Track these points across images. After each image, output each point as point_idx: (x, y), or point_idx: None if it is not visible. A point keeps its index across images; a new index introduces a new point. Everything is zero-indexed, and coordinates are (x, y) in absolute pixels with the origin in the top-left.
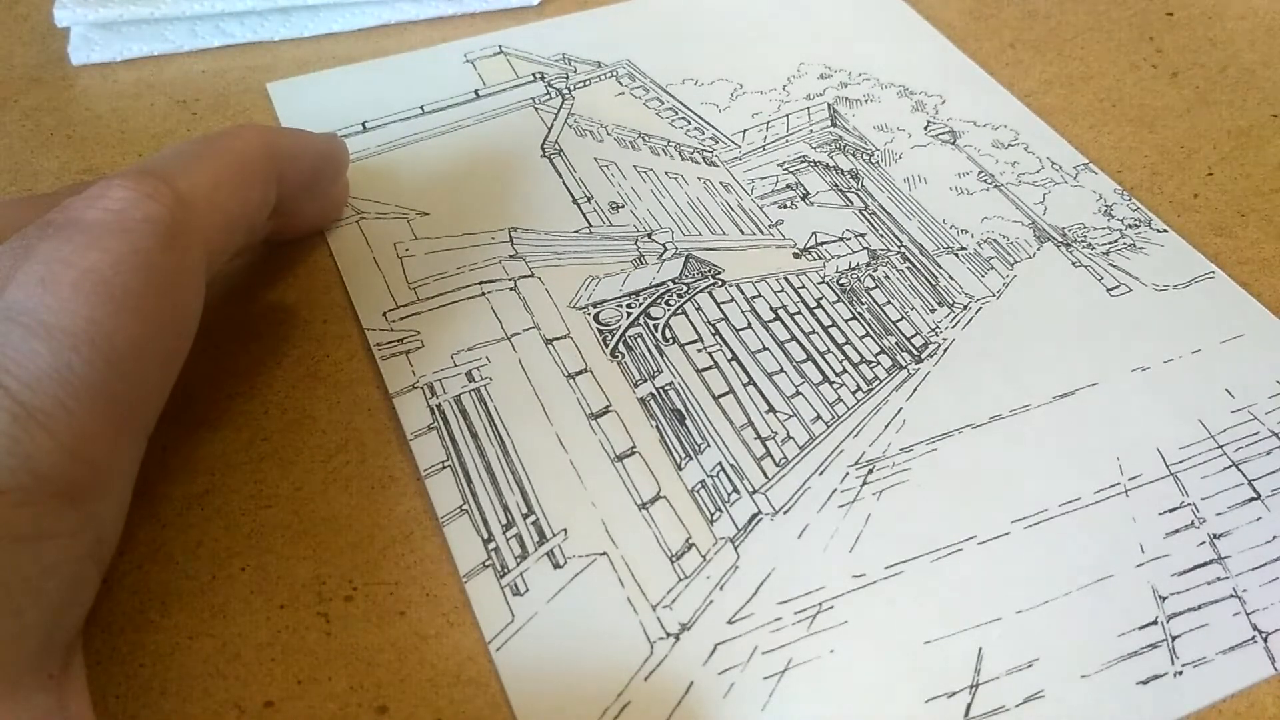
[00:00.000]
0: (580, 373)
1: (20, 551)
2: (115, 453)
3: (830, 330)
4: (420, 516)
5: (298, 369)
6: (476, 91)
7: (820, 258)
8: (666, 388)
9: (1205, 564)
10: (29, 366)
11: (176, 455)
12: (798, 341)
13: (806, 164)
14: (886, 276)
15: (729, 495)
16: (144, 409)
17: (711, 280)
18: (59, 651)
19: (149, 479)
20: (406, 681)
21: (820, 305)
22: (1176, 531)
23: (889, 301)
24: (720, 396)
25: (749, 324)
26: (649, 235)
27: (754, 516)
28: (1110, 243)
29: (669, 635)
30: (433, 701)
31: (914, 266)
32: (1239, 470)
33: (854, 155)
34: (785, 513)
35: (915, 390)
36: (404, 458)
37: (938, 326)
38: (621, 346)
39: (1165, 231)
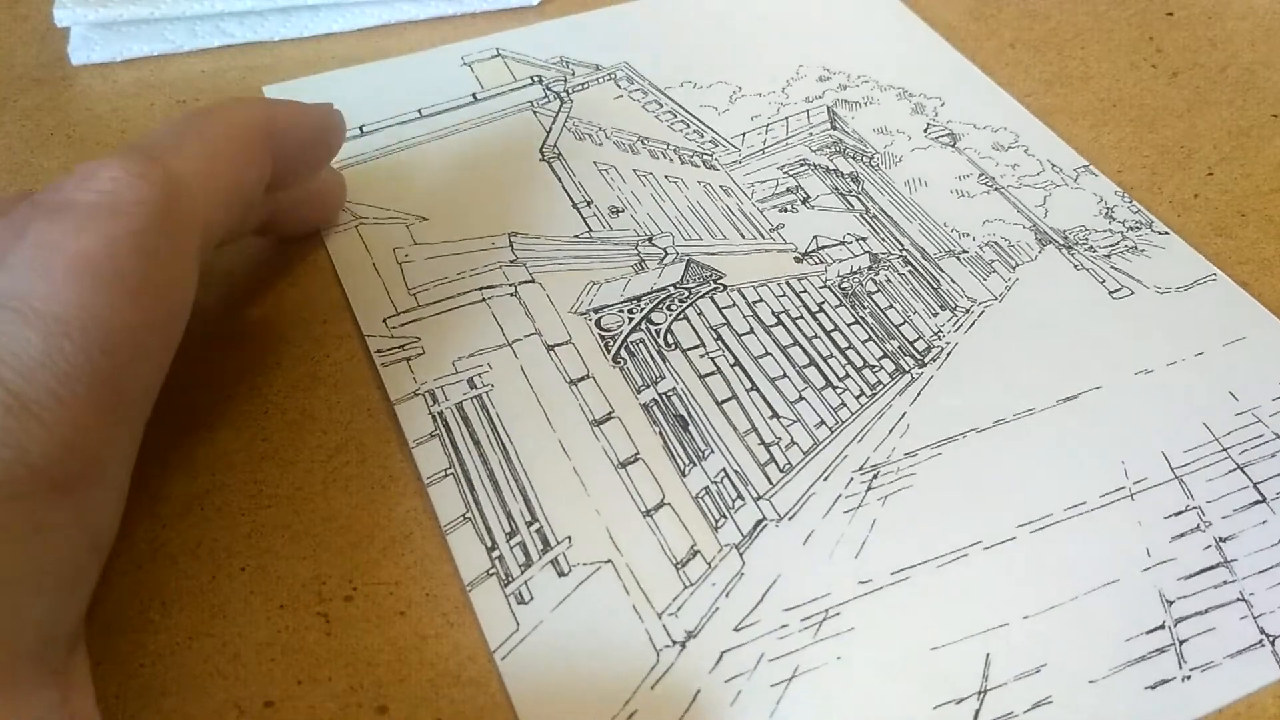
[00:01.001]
0: (582, 379)
1: (16, 545)
2: (111, 442)
3: (833, 334)
4: (420, 516)
5: (298, 369)
6: (474, 95)
7: (821, 261)
8: (669, 393)
9: (1212, 567)
10: (21, 355)
11: (176, 455)
12: (800, 346)
13: (806, 167)
14: (888, 280)
15: (733, 501)
16: (140, 396)
17: (713, 285)
18: (61, 646)
19: (149, 479)
20: (406, 681)
21: (822, 309)
22: (1182, 535)
23: (891, 305)
24: (723, 402)
25: (751, 329)
26: (649, 240)
27: (759, 523)
28: (1112, 245)
29: (675, 643)
30: (433, 701)
31: (916, 270)
32: (1244, 473)
33: (854, 158)
34: (790, 519)
35: (919, 394)
36: (404, 458)
37: (940, 330)
38: (623, 352)
39: (1167, 234)
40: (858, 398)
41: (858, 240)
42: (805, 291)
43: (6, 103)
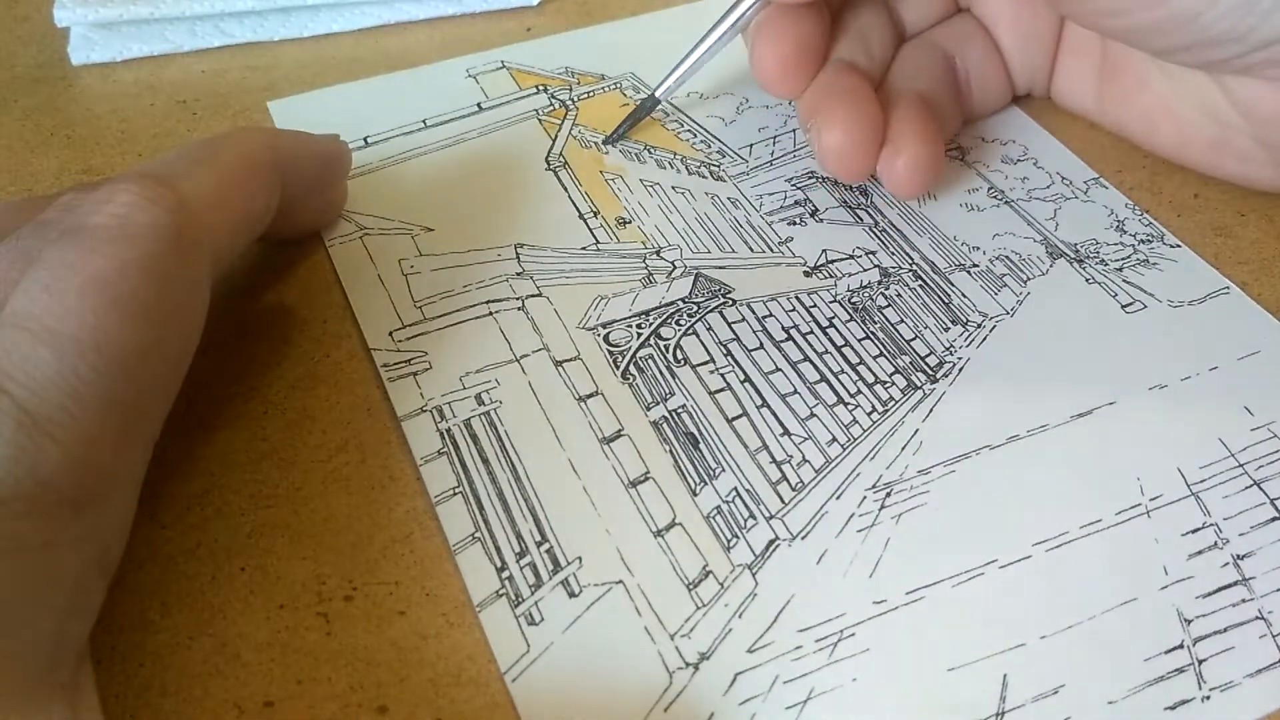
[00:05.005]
0: (591, 395)
1: (26, 562)
2: (121, 460)
3: (844, 350)
4: (420, 517)
5: (298, 369)
6: (479, 104)
7: (831, 276)
8: (679, 410)
9: (1230, 585)
10: (35, 374)
11: (176, 455)
12: (811, 362)
13: (815, 180)
14: (899, 295)
15: (745, 521)
16: (150, 415)
17: (722, 299)
18: (69, 661)
19: (149, 479)
20: (406, 681)
21: (832, 325)
22: (1200, 553)
23: (902, 320)
24: (734, 419)
25: (761, 344)
26: (657, 253)
27: (771, 542)
28: (1123, 259)
29: (688, 665)
30: (433, 701)
31: (926, 284)
32: (1260, 489)
33: None
34: (803, 538)
35: (931, 411)
36: (404, 457)
37: (952, 345)
38: (633, 368)
39: (1178, 247)
40: (869, 414)
41: (867, 254)
42: (815, 306)
43: (6, 103)
